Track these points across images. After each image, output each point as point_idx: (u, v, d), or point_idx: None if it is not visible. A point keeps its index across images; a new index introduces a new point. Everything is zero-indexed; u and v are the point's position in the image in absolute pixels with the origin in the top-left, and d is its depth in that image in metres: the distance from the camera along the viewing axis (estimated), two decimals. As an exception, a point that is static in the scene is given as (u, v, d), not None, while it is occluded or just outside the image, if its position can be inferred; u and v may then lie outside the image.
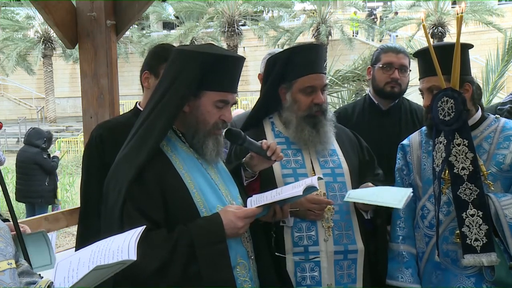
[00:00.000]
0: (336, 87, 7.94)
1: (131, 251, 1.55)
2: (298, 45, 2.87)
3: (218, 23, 27.71)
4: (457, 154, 2.45)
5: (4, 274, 1.62)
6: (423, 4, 27.46)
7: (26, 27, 29.70)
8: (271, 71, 2.73)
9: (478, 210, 2.40)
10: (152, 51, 2.86)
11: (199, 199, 2.07)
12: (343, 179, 2.66)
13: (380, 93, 3.30)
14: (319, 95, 2.63)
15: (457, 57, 2.43)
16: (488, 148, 2.55)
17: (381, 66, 3.25)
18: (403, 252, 2.68)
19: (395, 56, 3.26)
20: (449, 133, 2.45)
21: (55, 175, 9.06)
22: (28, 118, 28.25)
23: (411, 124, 3.28)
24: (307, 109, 2.63)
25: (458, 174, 2.44)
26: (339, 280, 2.59)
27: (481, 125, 2.60)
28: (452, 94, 2.44)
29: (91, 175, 2.77)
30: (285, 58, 2.68)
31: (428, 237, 2.61)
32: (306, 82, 2.62)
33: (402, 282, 2.63)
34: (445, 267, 2.55)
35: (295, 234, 2.57)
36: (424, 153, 2.70)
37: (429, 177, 2.63)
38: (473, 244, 2.40)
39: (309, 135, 2.63)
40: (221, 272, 1.99)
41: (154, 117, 2.09)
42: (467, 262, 2.43)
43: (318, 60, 2.67)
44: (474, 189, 2.41)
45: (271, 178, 2.57)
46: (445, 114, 2.46)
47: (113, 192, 2.04)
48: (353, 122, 3.11)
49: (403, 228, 2.71)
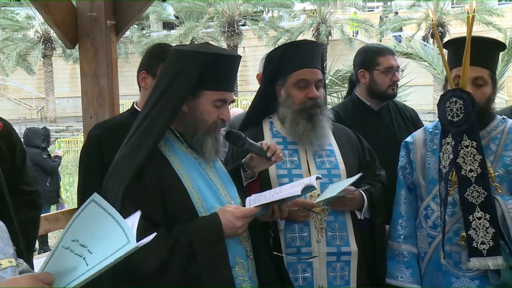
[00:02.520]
0: (336, 87, 7.94)
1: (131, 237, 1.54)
2: (293, 41, 2.91)
3: (218, 23, 27.71)
4: (465, 156, 2.40)
5: (6, 271, 1.62)
6: (423, 4, 27.44)
7: (26, 27, 29.69)
8: (267, 68, 2.75)
9: (485, 213, 2.36)
10: (149, 51, 2.86)
11: (197, 199, 2.08)
12: (339, 180, 2.63)
13: (379, 96, 3.29)
14: (312, 89, 2.62)
15: (466, 57, 2.38)
16: (495, 149, 2.52)
17: (383, 70, 3.24)
18: (404, 251, 2.65)
19: (393, 59, 3.29)
20: (457, 134, 2.41)
21: (57, 174, 9.04)
22: (28, 118, 28.25)
23: (402, 122, 3.32)
24: (300, 104, 2.62)
25: (466, 176, 2.39)
26: (332, 282, 2.57)
27: (488, 125, 2.56)
28: (461, 94, 2.39)
29: (89, 175, 2.76)
30: (280, 54, 2.69)
31: (431, 237, 2.59)
32: (299, 76, 2.62)
33: (401, 281, 2.61)
34: (447, 268, 2.52)
35: (287, 235, 2.56)
36: (428, 151, 2.66)
37: (433, 176, 2.60)
38: (479, 247, 2.37)
39: (304, 129, 2.62)
40: (220, 272, 2.00)
41: (153, 117, 2.09)
42: (472, 265, 2.40)
43: (312, 55, 2.67)
44: (481, 191, 2.37)
45: (266, 178, 2.56)
46: (454, 115, 2.41)
47: (112, 191, 2.04)
48: (349, 124, 3.10)
49: (405, 227, 2.67)
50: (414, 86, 8.19)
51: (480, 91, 2.48)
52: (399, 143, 2.83)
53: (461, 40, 2.49)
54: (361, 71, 3.28)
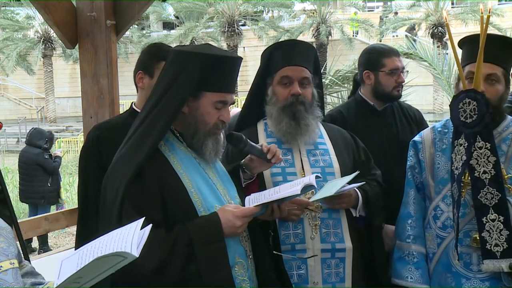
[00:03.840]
0: (336, 87, 7.93)
1: (134, 247, 1.54)
2: (280, 41, 2.95)
3: (218, 23, 27.69)
4: (478, 158, 2.38)
5: (7, 273, 1.61)
6: (423, 4, 27.44)
7: (26, 27, 29.68)
8: (258, 69, 2.80)
9: (499, 215, 2.35)
10: (145, 51, 2.84)
11: (197, 199, 2.08)
12: (333, 178, 2.64)
13: (384, 97, 3.28)
14: (295, 86, 2.64)
15: (480, 57, 2.36)
16: (506, 150, 2.50)
17: (388, 72, 3.23)
18: (413, 252, 2.63)
19: (398, 60, 3.28)
20: (470, 135, 2.39)
21: (58, 174, 9.05)
22: (28, 118, 28.23)
23: (406, 122, 3.31)
24: (284, 100, 2.65)
25: (479, 178, 2.37)
26: (326, 279, 2.57)
27: (499, 126, 2.54)
28: (475, 96, 2.36)
29: (88, 176, 2.76)
30: (268, 54, 2.74)
31: (440, 238, 2.57)
32: (282, 73, 2.66)
33: (411, 282, 2.59)
34: (457, 269, 2.51)
35: (282, 232, 2.57)
36: (437, 151, 2.64)
37: (443, 176, 2.58)
38: (493, 249, 2.35)
39: (287, 126, 2.64)
40: (219, 272, 2.00)
41: (153, 118, 2.09)
42: (486, 268, 2.38)
43: (297, 54, 2.69)
44: (495, 193, 2.36)
45: (260, 176, 2.57)
46: (467, 116, 2.39)
47: (111, 191, 2.05)
48: (351, 124, 3.10)
49: (414, 228, 2.65)
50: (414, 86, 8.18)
51: (493, 88, 2.46)
52: (402, 143, 2.83)
53: (476, 38, 2.47)
54: (366, 72, 3.27)
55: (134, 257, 1.54)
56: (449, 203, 2.54)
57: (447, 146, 2.59)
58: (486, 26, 2.36)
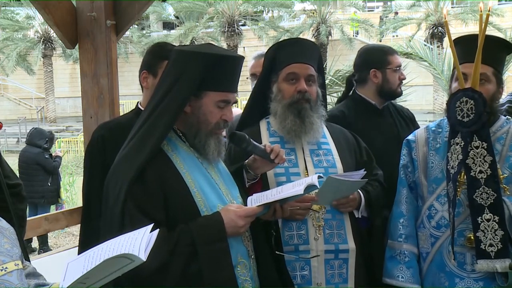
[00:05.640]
0: (336, 87, 7.93)
1: (142, 251, 1.55)
2: (286, 39, 2.93)
3: (218, 23, 27.71)
4: (474, 157, 2.38)
5: (12, 275, 1.61)
6: (423, 4, 27.44)
7: (26, 27, 29.71)
8: (263, 68, 2.79)
9: (494, 214, 2.34)
10: (149, 51, 2.85)
11: (199, 198, 2.07)
12: None
13: (389, 94, 3.31)
14: (301, 82, 2.63)
15: (478, 56, 2.36)
16: (500, 150, 2.49)
17: (394, 69, 3.27)
18: (405, 251, 2.63)
19: (398, 57, 3.36)
20: (467, 134, 2.38)
21: (58, 174, 9.06)
22: (28, 118, 28.25)
23: (403, 122, 3.36)
24: (290, 97, 2.64)
25: (475, 177, 2.37)
26: (330, 280, 2.57)
27: (493, 125, 2.54)
28: (472, 94, 2.35)
29: (93, 176, 2.76)
30: (273, 53, 2.73)
31: (434, 237, 2.57)
32: (289, 70, 2.65)
33: (402, 281, 2.59)
34: (451, 269, 2.50)
35: (285, 233, 2.56)
36: (431, 150, 2.64)
37: (436, 175, 2.58)
38: (487, 249, 2.35)
39: (292, 124, 2.63)
40: (222, 271, 1.99)
41: (156, 117, 2.09)
42: (480, 268, 2.38)
43: (303, 52, 2.69)
44: (491, 193, 2.35)
45: (263, 176, 2.56)
46: (464, 115, 2.38)
47: (113, 191, 2.04)
48: (353, 123, 3.11)
49: (406, 227, 2.65)
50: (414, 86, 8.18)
51: (483, 88, 2.45)
52: (402, 141, 2.83)
53: (470, 37, 2.48)
54: (373, 71, 3.28)
55: (141, 260, 1.54)
56: (443, 202, 2.54)
57: (441, 146, 2.59)
58: (485, 25, 2.35)
